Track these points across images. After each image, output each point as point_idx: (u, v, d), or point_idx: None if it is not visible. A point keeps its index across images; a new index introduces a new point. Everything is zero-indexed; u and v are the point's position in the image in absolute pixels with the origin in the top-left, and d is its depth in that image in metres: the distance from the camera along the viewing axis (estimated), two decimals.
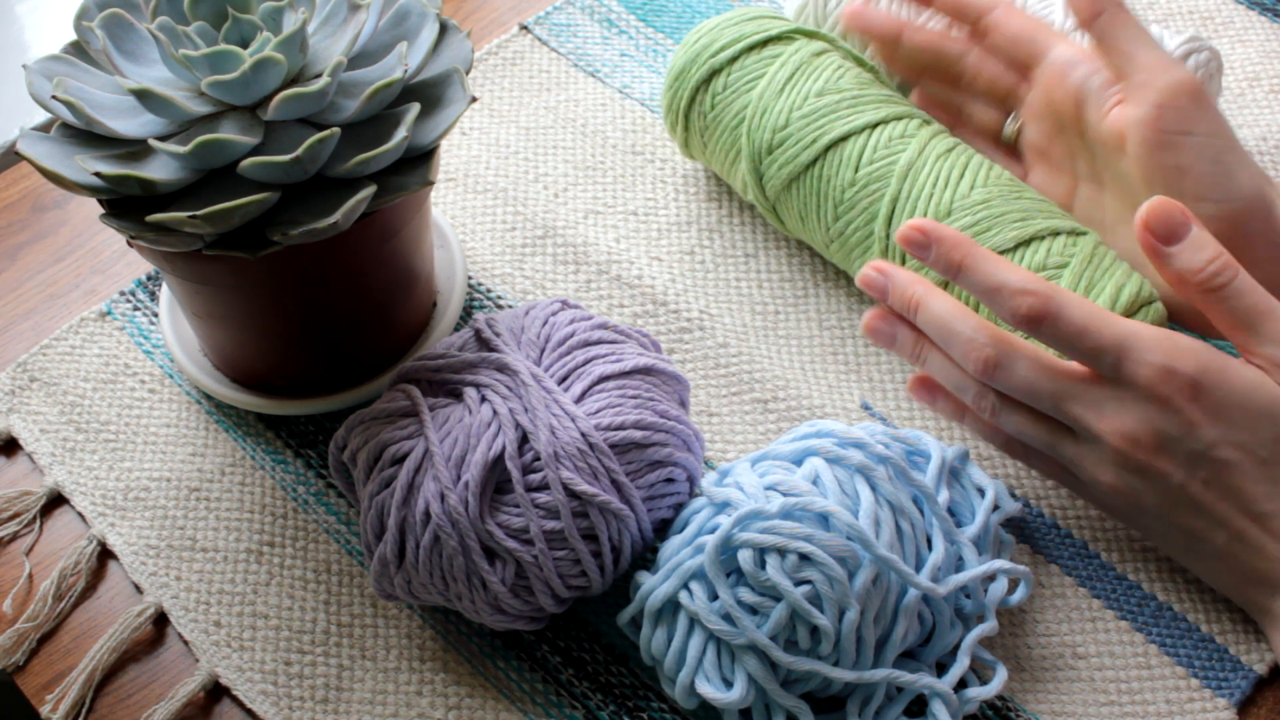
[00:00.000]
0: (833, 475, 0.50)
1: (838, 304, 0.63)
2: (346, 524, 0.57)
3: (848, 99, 0.60)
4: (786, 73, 0.61)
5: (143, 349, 0.63)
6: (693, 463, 0.52)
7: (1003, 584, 0.52)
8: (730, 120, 0.62)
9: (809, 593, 0.47)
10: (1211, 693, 0.52)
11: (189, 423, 0.60)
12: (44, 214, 0.68)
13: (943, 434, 0.59)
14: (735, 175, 0.64)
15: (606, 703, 0.52)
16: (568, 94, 0.72)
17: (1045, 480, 0.58)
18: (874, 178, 0.58)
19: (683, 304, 0.63)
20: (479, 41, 0.75)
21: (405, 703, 0.52)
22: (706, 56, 0.62)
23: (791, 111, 0.60)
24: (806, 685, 0.49)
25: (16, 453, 0.60)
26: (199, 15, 0.51)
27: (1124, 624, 0.54)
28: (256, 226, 0.49)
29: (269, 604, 0.55)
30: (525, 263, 0.65)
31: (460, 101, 0.51)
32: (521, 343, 0.53)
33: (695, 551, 0.49)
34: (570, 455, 0.49)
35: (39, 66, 0.51)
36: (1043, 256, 0.55)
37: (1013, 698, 0.52)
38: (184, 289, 0.55)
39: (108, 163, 0.49)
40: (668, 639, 0.50)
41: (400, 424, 0.51)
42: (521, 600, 0.50)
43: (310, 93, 0.48)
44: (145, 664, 0.54)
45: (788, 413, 0.60)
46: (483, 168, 0.69)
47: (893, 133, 0.59)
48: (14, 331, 0.64)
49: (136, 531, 0.57)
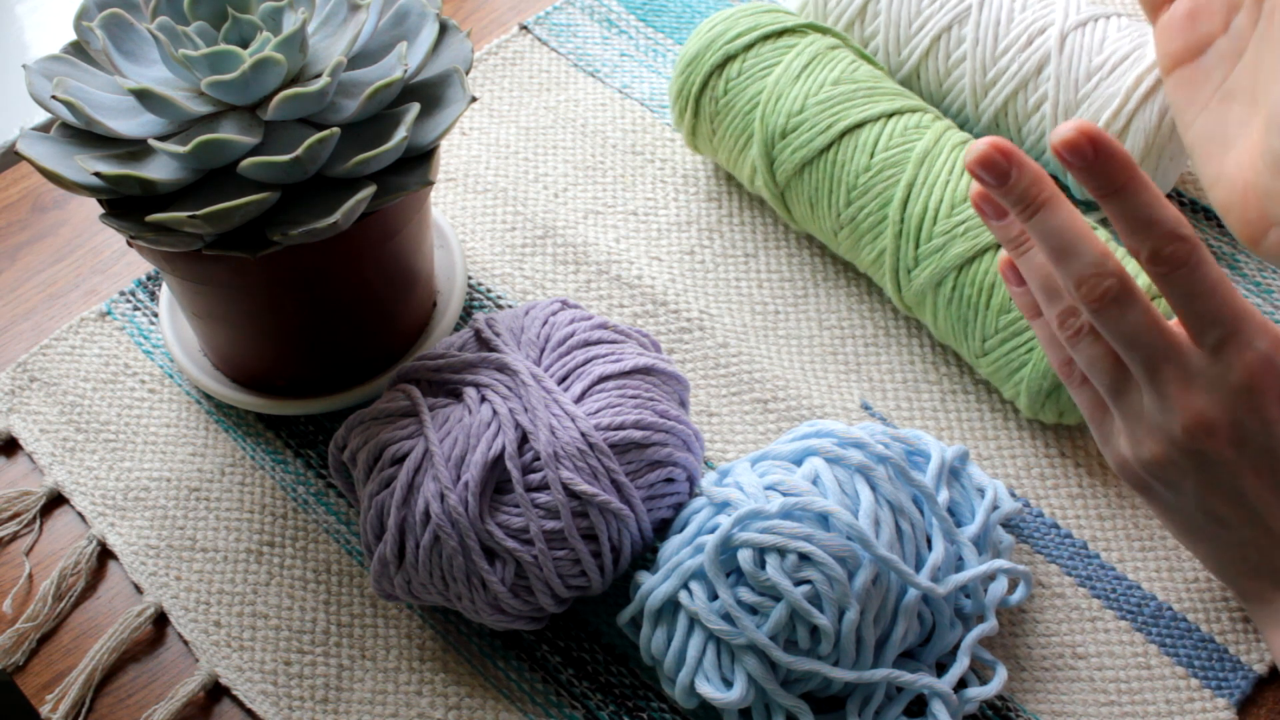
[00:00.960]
0: (833, 475, 0.50)
1: (838, 304, 0.63)
2: (346, 524, 0.57)
3: (864, 89, 0.61)
4: (803, 61, 0.61)
5: (143, 349, 0.63)
6: (693, 463, 0.52)
7: (1003, 584, 0.52)
8: (743, 106, 0.62)
9: (809, 593, 0.47)
10: (1211, 693, 0.52)
11: (189, 423, 0.60)
12: (44, 214, 0.68)
13: (943, 434, 0.59)
14: (744, 163, 0.64)
15: (606, 703, 0.52)
16: (568, 94, 0.72)
17: (1045, 480, 0.58)
18: (890, 164, 0.59)
19: (683, 304, 0.63)
20: (479, 41, 0.75)
21: (405, 703, 0.52)
22: (722, 43, 0.63)
23: (808, 97, 0.61)
24: (806, 685, 0.49)
25: (16, 453, 0.60)
26: (199, 15, 0.51)
27: (1124, 624, 0.54)
28: (256, 226, 0.49)
29: (269, 604, 0.55)
30: (525, 263, 0.65)
31: (460, 101, 0.51)
32: (521, 343, 0.53)
33: (695, 551, 0.49)
34: (570, 455, 0.49)
35: (39, 66, 0.51)
36: None
37: (1013, 698, 0.52)
38: (184, 289, 0.55)
39: (108, 163, 0.49)
40: (668, 639, 0.50)
41: (400, 424, 0.51)
42: (521, 600, 0.50)
43: (310, 93, 0.48)
44: (145, 664, 0.54)
45: (788, 413, 0.60)
46: (483, 168, 0.69)
47: (908, 123, 0.60)
48: (14, 331, 0.64)
49: (136, 531, 0.57)
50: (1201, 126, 0.54)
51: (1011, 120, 0.65)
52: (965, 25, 0.65)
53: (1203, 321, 0.46)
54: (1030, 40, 0.64)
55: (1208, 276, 0.46)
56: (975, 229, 0.57)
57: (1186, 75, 0.55)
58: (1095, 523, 0.56)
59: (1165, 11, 0.56)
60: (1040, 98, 0.63)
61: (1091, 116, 0.62)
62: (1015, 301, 0.53)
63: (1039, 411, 0.57)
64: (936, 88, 0.66)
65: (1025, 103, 0.64)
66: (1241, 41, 0.54)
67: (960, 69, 0.65)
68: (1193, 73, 0.55)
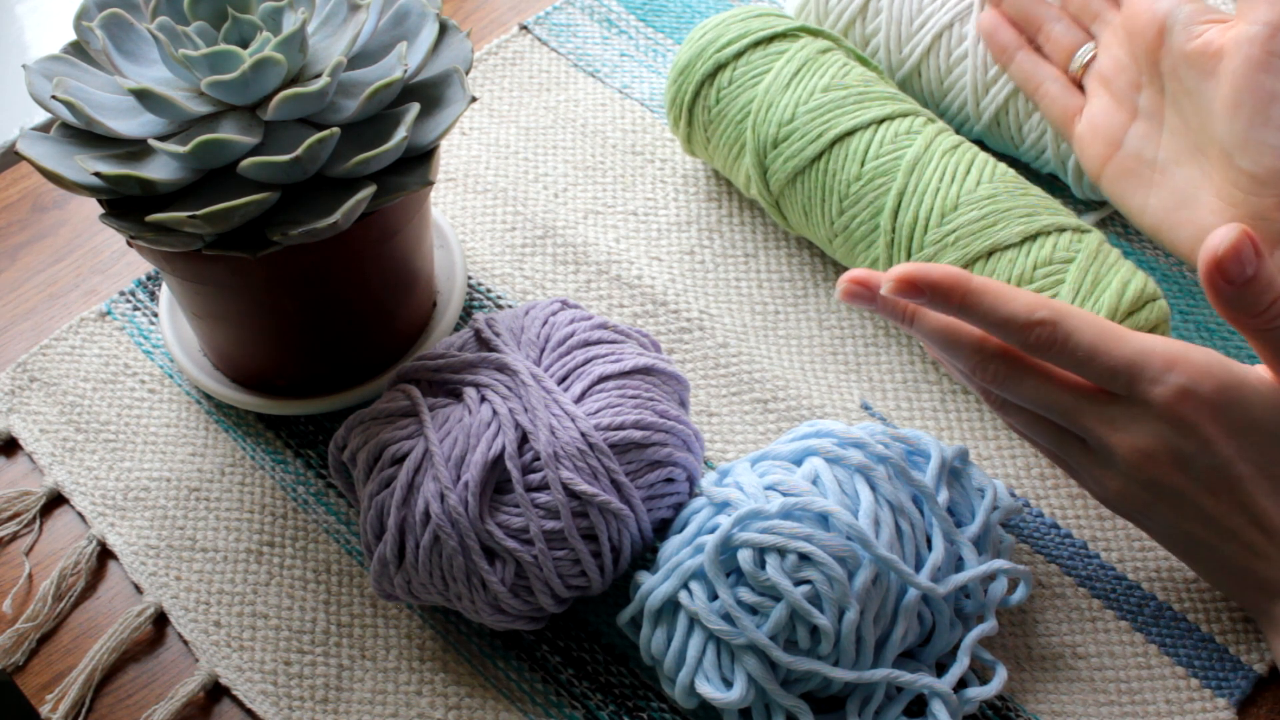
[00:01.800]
0: (833, 475, 0.50)
1: (837, 304, 0.63)
2: (346, 524, 0.57)
3: (854, 95, 0.60)
4: (793, 68, 0.61)
5: (143, 349, 0.63)
6: (693, 463, 0.52)
7: (1003, 584, 0.52)
8: (735, 115, 0.62)
9: (809, 593, 0.47)
10: (1211, 693, 0.52)
11: (189, 423, 0.60)
12: (44, 214, 0.68)
13: (943, 434, 0.59)
14: (738, 171, 0.64)
15: (606, 703, 0.52)
16: (568, 94, 0.72)
17: (1045, 480, 0.58)
18: (880, 172, 0.59)
19: (683, 304, 0.63)
20: (479, 41, 0.75)
21: (405, 703, 0.52)
22: (712, 51, 0.63)
23: (797, 106, 0.60)
24: (806, 685, 0.49)
25: (16, 453, 0.60)
26: (199, 15, 0.51)
27: (1124, 624, 0.54)
28: (256, 226, 0.49)
29: (269, 604, 0.55)
30: (525, 263, 0.65)
31: (460, 101, 0.51)
32: (521, 343, 0.53)
33: (695, 551, 0.49)
34: (570, 455, 0.49)
35: (39, 66, 0.51)
36: (1049, 251, 0.55)
37: (1013, 698, 0.52)
38: (184, 289, 0.55)
39: (108, 163, 0.49)
40: (668, 639, 0.50)
41: (400, 424, 0.51)
42: (521, 600, 0.50)
43: (310, 93, 0.48)
44: (145, 664, 0.54)
45: (788, 413, 0.60)
46: (483, 168, 0.69)
47: (899, 128, 0.59)
48: (14, 331, 0.64)
49: (136, 531, 0.57)
50: (1157, 202, 0.58)
51: (1011, 118, 0.65)
52: (967, 23, 0.65)
53: (1103, 378, 0.47)
54: None
55: (1084, 341, 0.47)
56: (966, 237, 0.56)
57: (1118, 168, 0.59)
58: (1095, 523, 0.56)
59: (1077, 123, 0.61)
60: None
61: None
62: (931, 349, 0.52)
63: None
64: (937, 86, 0.66)
65: (1026, 101, 0.64)
66: (1155, 117, 0.58)
67: (962, 67, 0.65)
68: (1122, 162, 0.59)
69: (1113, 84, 0.60)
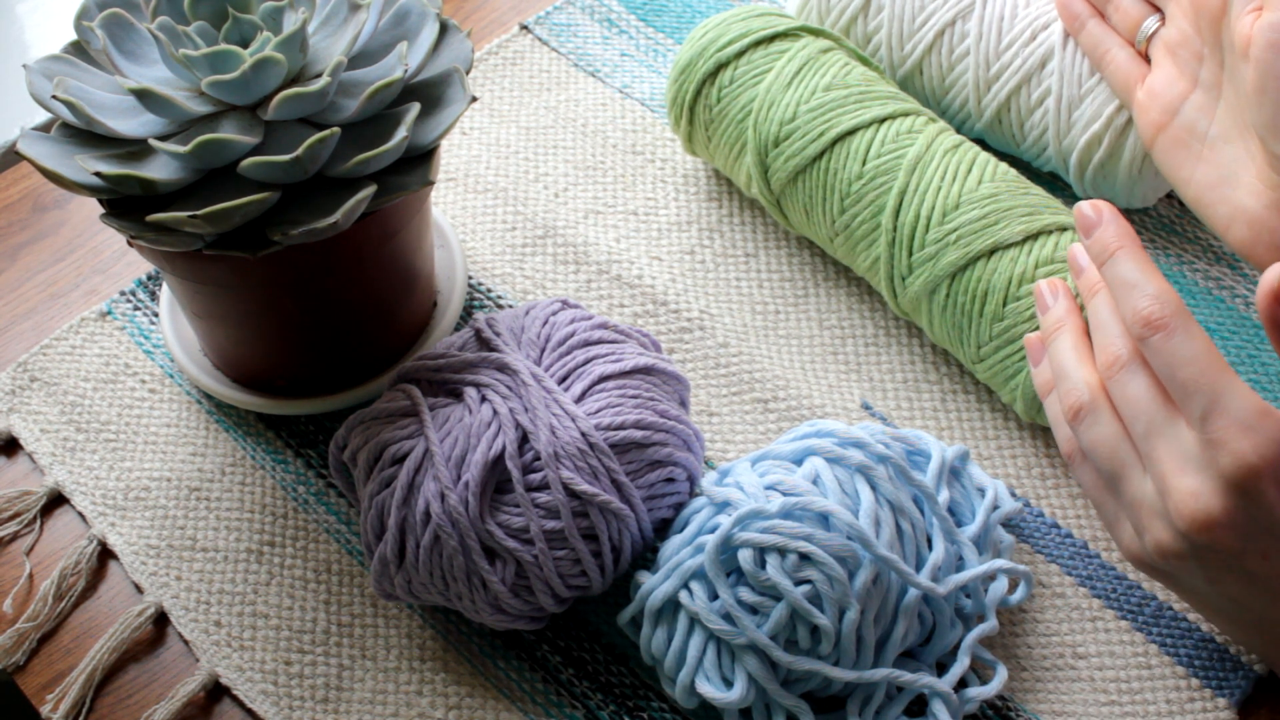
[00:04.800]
0: (833, 475, 0.50)
1: (838, 304, 0.63)
2: (346, 524, 0.57)
3: (855, 94, 0.60)
4: (794, 67, 0.61)
5: (143, 349, 0.63)
6: (693, 462, 0.52)
7: (1003, 584, 0.52)
8: (736, 114, 0.62)
9: (809, 592, 0.47)
10: (1211, 692, 0.52)
11: (189, 423, 0.60)
12: (44, 214, 0.68)
13: (943, 434, 0.59)
14: (739, 170, 0.64)
15: (606, 703, 0.52)
16: (568, 94, 0.72)
17: (1045, 480, 0.58)
18: (881, 171, 0.59)
19: (683, 304, 0.63)
20: (479, 41, 0.75)
21: (405, 703, 0.52)
22: (713, 50, 0.63)
23: (799, 105, 0.60)
24: (806, 685, 0.49)
25: (16, 453, 0.60)
26: (199, 15, 0.51)
27: (1124, 624, 0.54)
28: (256, 226, 0.49)
29: (269, 604, 0.55)
30: (525, 263, 0.65)
31: (460, 101, 0.51)
32: (522, 342, 0.53)
33: (695, 551, 0.49)
34: (570, 455, 0.49)
35: (39, 66, 0.51)
36: (1050, 250, 0.55)
37: (1013, 698, 0.52)
38: (184, 289, 0.55)
39: (108, 163, 0.49)
40: (668, 639, 0.50)
41: (400, 424, 0.51)
42: (521, 600, 0.50)
43: (310, 93, 0.48)
44: (145, 664, 0.54)
45: (788, 412, 0.60)
46: (483, 168, 0.69)
47: (900, 128, 0.59)
48: (14, 331, 0.64)
49: (137, 531, 0.57)
50: (1202, 176, 0.58)
51: (1014, 116, 0.65)
52: (969, 20, 0.65)
53: (1182, 391, 0.45)
54: (1034, 35, 0.64)
55: (1184, 344, 0.45)
56: (967, 237, 0.56)
57: (1170, 137, 0.59)
58: (1095, 523, 0.56)
59: (1140, 89, 0.60)
60: (1043, 93, 0.63)
61: (1094, 112, 0.62)
62: (1034, 379, 0.54)
63: (1036, 415, 0.57)
64: (939, 84, 0.66)
65: (1028, 98, 0.64)
66: (1213, 90, 0.57)
67: (963, 64, 0.65)
68: (1175, 132, 0.58)
69: (1177, 54, 0.59)
